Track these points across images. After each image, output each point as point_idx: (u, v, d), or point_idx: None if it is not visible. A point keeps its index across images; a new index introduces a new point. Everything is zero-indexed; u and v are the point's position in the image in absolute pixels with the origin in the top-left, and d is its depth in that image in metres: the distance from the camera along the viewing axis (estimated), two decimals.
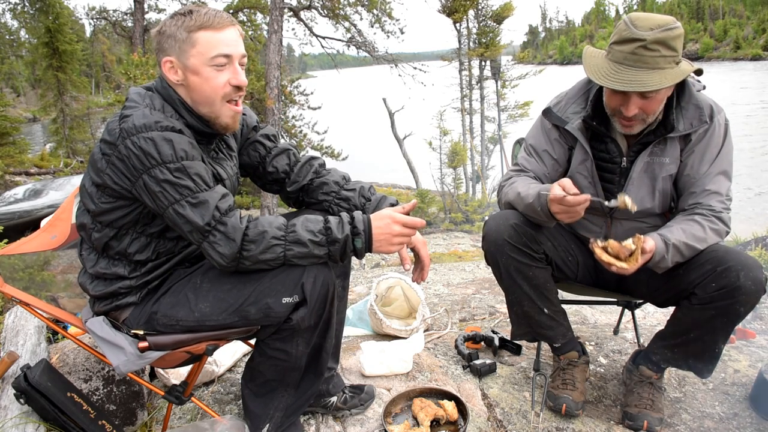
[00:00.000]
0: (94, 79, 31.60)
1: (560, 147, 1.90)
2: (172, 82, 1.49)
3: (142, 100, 1.46)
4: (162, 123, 1.39)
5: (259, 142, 1.78)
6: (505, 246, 1.80)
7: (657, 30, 1.55)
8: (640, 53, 1.56)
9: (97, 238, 1.52)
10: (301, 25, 14.41)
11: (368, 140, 22.63)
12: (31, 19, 21.11)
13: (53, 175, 13.19)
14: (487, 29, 16.45)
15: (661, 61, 1.56)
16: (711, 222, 1.71)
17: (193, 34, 1.43)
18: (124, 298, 1.55)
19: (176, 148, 1.38)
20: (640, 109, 1.65)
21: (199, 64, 1.44)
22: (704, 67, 1.69)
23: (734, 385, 2.17)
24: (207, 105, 1.49)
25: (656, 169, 1.78)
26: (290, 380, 1.64)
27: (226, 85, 1.47)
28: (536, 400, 2.03)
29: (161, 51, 1.47)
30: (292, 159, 1.81)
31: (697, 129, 1.73)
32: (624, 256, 1.62)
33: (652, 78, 1.56)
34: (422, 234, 12.48)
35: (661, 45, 1.55)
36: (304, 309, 1.50)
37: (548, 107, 1.92)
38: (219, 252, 1.41)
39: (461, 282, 5.30)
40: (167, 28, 1.45)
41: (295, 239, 1.43)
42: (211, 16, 1.44)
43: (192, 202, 1.39)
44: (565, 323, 1.98)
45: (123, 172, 1.40)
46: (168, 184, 1.37)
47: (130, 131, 1.37)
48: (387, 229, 1.49)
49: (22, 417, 1.55)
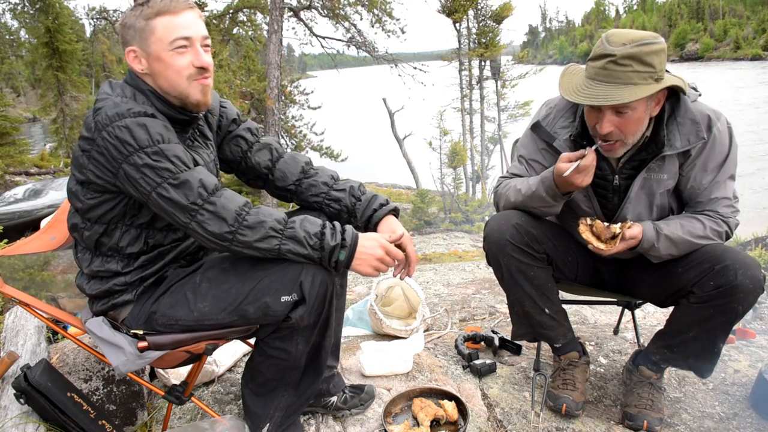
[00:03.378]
0: (94, 79, 31.55)
1: (551, 156, 1.86)
2: (139, 72, 1.50)
3: (113, 91, 1.48)
4: (134, 109, 1.40)
5: (240, 136, 1.77)
6: (506, 246, 1.80)
7: (630, 45, 1.51)
8: (611, 68, 1.53)
9: (88, 236, 1.53)
10: (301, 25, 14.40)
11: (368, 140, 22.63)
12: (31, 19, 21.11)
13: (53, 175, 13.18)
14: (486, 29, 16.46)
15: (634, 76, 1.52)
16: (714, 223, 1.71)
17: (150, 21, 1.44)
18: (121, 296, 1.55)
19: (151, 132, 1.39)
20: (616, 128, 1.60)
21: (160, 50, 1.45)
22: (704, 67, 1.71)
23: (734, 385, 2.17)
24: (174, 88, 1.49)
25: (654, 185, 1.76)
26: (290, 379, 1.64)
27: (189, 66, 1.48)
28: (536, 400, 2.03)
29: (125, 43, 1.49)
30: (275, 155, 1.80)
31: (695, 145, 1.68)
32: (605, 238, 1.64)
33: (621, 93, 1.52)
34: (422, 234, 12.35)
35: (633, 60, 1.51)
36: (303, 307, 1.50)
37: (537, 121, 1.88)
38: (208, 230, 1.41)
39: (461, 282, 5.30)
40: (128, 20, 1.47)
41: (292, 235, 1.44)
42: (167, 2, 1.45)
43: (174, 183, 1.39)
44: (565, 323, 1.99)
45: (104, 164, 1.41)
46: (148, 168, 1.38)
47: (104, 122, 1.38)
48: (371, 250, 1.51)
49: (22, 417, 1.55)
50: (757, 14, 73.61)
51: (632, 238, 1.67)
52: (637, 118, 1.60)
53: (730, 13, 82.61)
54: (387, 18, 14.72)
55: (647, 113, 1.63)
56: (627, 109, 1.57)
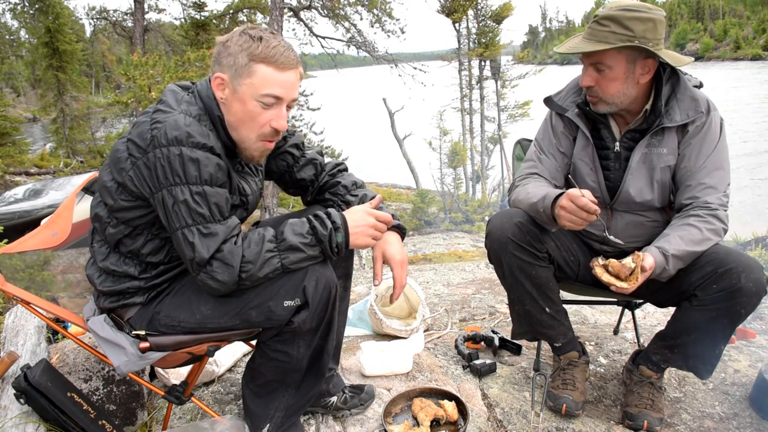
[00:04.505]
0: (94, 79, 31.57)
1: (566, 139, 1.95)
2: (216, 97, 1.46)
3: (178, 105, 1.43)
4: (194, 138, 1.35)
5: (287, 152, 1.77)
6: (509, 244, 1.81)
7: (614, 9, 1.66)
8: (593, 27, 1.70)
9: (112, 233, 1.50)
10: (301, 25, 14.41)
11: (368, 140, 22.61)
12: (31, 19, 21.10)
13: (53, 175, 13.17)
14: (486, 29, 16.46)
15: (609, 36, 1.66)
16: (707, 223, 1.71)
17: (254, 63, 1.40)
18: (131, 298, 1.54)
19: (202, 170, 1.36)
20: (595, 83, 1.74)
21: (249, 95, 1.42)
22: (704, 67, 1.73)
23: (734, 385, 2.17)
24: (239, 134, 1.48)
25: (654, 159, 1.80)
26: (291, 381, 1.64)
27: (266, 125, 1.46)
28: (536, 400, 2.03)
29: (218, 63, 1.44)
30: (318, 169, 1.81)
31: (693, 119, 1.76)
32: (624, 276, 1.62)
33: (590, 46, 1.69)
34: (422, 234, 12.28)
35: (611, 21, 1.66)
36: (306, 312, 1.49)
37: (549, 96, 1.99)
38: (219, 280, 1.39)
39: (461, 282, 5.30)
40: (232, 45, 1.41)
41: (288, 246, 1.43)
42: (278, 53, 1.40)
43: (203, 232, 1.37)
44: (566, 323, 1.99)
45: (147, 179, 1.38)
46: (185, 205, 1.36)
47: (160, 141, 1.34)
48: (362, 221, 1.50)
49: (22, 417, 1.55)
50: (757, 14, 73.61)
51: (651, 268, 1.61)
52: (613, 77, 1.72)
53: (730, 13, 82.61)
54: (387, 18, 14.74)
55: (628, 76, 1.73)
56: (604, 67, 1.71)
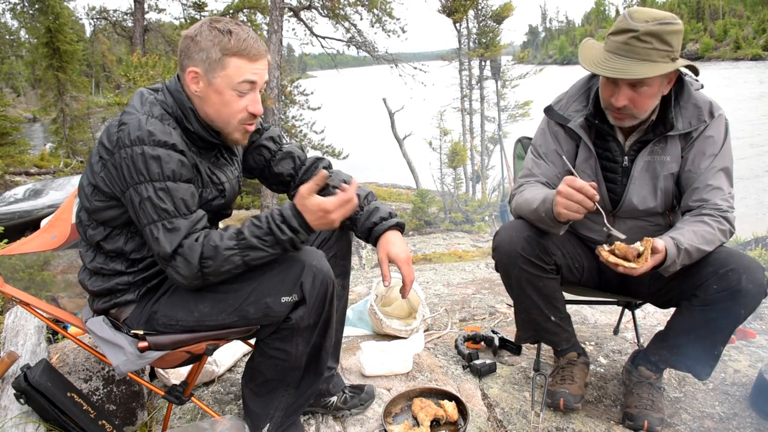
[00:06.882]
0: (94, 79, 31.57)
1: (567, 143, 1.90)
2: (190, 91, 1.48)
3: (142, 107, 1.46)
4: (155, 137, 1.38)
5: (263, 146, 1.78)
6: (518, 258, 1.79)
7: (652, 23, 1.58)
8: (632, 44, 1.58)
9: (92, 234, 1.53)
10: (301, 25, 14.41)
11: (368, 140, 22.60)
12: (31, 19, 21.09)
13: (53, 175, 13.15)
14: (487, 29, 16.43)
15: (653, 53, 1.58)
16: (719, 222, 1.69)
17: (227, 57, 1.43)
18: (123, 296, 1.55)
19: (164, 167, 1.39)
20: (630, 101, 1.66)
21: (224, 86, 1.45)
22: (704, 67, 1.71)
23: (734, 385, 2.17)
24: (220, 122, 1.51)
25: (657, 167, 1.78)
26: (290, 380, 1.64)
27: (243, 110, 1.49)
28: (536, 400, 2.03)
29: (188, 58, 1.46)
30: (297, 162, 1.81)
31: (696, 127, 1.74)
32: (632, 257, 1.57)
33: (640, 68, 1.58)
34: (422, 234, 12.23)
35: (653, 37, 1.57)
36: (304, 308, 1.50)
37: (550, 105, 1.93)
38: (181, 275, 1.42)
39: (461, 282, 5.29)
40: (202, 40, 1.44)
41: (248, 245, 1.43)
42: (249, 45, 1.44)
43: (167, 227, 1.40)
44: (569, 329, 1.99)
45: (115, 179, 1.42)
46: (149, 202, 1.39)
47: (124, 142, 1.38)
48: (321, 218, 1.44)
49: (22, 417, 1.55)
50: (757, 14, 73.58)
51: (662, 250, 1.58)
52: (650, 94, 1.66)
53: (730, 13, 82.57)
54: (387, 18, 14.72)
55: (660, 91, 1.68)
56: (643, 85, 1.63)
